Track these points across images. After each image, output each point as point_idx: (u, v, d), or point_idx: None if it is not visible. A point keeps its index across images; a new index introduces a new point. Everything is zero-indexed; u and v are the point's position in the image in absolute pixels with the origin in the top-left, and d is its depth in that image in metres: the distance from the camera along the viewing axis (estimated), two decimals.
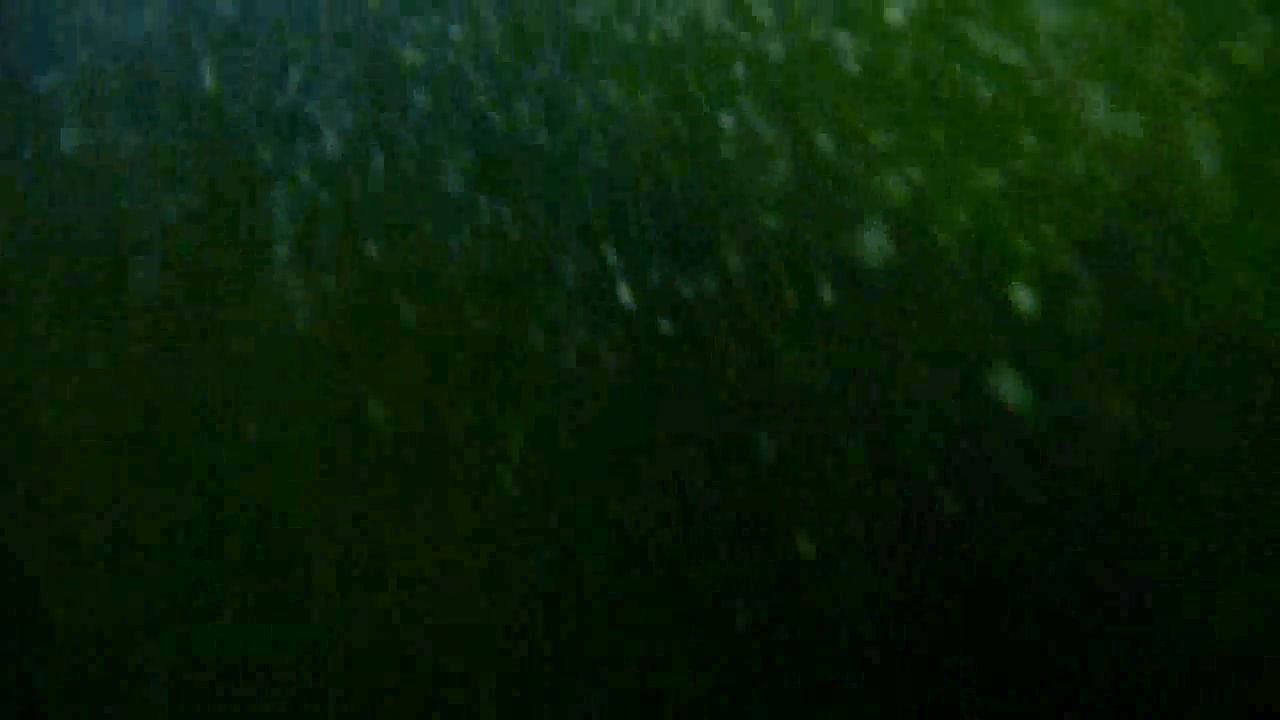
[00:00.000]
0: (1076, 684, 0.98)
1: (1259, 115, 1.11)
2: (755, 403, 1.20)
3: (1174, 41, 1.15)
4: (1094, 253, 1.12)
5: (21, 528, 1.46)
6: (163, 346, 1.51)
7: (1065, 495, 1.05)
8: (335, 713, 1.22)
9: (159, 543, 1.40)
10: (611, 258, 1.33)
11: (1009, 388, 1.10)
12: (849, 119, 1.26)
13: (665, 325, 1.27)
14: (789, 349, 1.19)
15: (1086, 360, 1.09)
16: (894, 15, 1.27)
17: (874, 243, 1.19)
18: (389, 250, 1.45)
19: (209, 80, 1.67)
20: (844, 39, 1.29)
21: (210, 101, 1.65)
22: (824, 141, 1.27)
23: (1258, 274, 1.06)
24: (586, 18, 1.44)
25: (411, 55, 1.54)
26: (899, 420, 1.13)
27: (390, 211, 1.47)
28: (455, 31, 1.52)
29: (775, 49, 1.32)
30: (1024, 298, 1.13)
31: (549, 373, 1.30)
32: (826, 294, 1.20)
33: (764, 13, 1.35)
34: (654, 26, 1.42)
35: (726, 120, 1.33)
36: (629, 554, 1.20)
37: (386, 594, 1.28)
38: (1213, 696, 0.93)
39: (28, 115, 1.77)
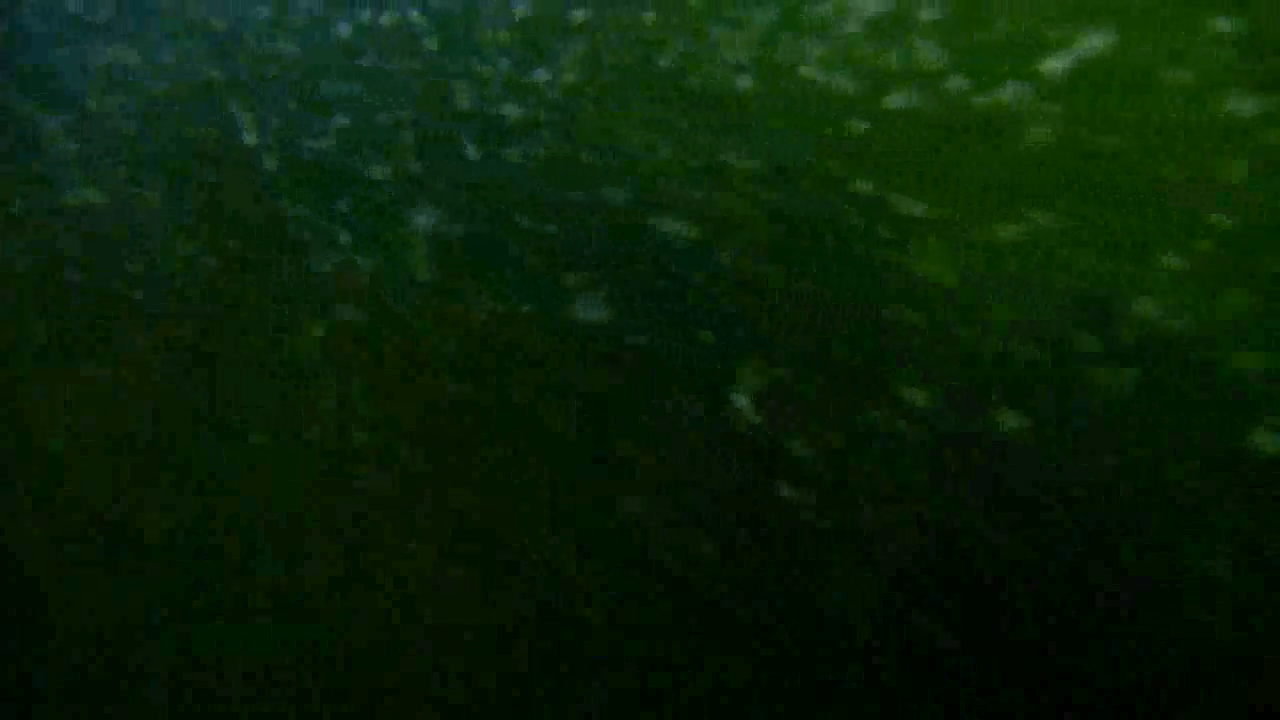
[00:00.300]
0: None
1: None
2: (898, 563, 1.02)
3: None
4: None
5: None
6: (176, 435, 1.48)
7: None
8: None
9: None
10: (718, 354, 1.11)
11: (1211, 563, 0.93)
12: (1000, 190, 1.03)
13: (796, 446, 1.06)
14: (945, 487, 0.99)
15: None
16: (1053, 66, 1.02)
17: (1055, 356, 0.96)
18: (443, 339, 1.30)
19: (240, 130, 1.52)
20: (987, 96, 1.04)
21: (241, 154, 1.51)
22: (966, 221, 1.03)
23: None
24: (675, 64, 1.23)
25: (473, 103, 1.35)
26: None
27: (450, 285, 1.31)
28: (539, 76, 1.31)
29: (899, 102, 1.09)
30: (1267, 441, 0.93)
31: (647, 483, 1.16)
32: (1008, 420, 0.99)
33: (886, 60, 1.11)
34: (752, 75, 1.18)
35: (851, 189, 1.08)
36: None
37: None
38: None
39: (29, 160, 1.63)
